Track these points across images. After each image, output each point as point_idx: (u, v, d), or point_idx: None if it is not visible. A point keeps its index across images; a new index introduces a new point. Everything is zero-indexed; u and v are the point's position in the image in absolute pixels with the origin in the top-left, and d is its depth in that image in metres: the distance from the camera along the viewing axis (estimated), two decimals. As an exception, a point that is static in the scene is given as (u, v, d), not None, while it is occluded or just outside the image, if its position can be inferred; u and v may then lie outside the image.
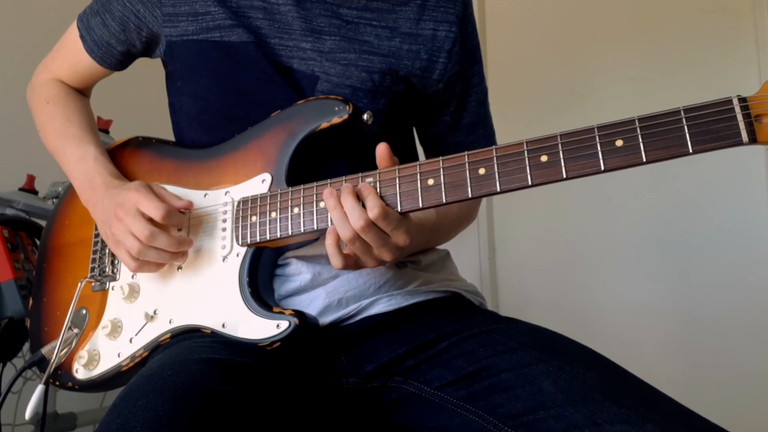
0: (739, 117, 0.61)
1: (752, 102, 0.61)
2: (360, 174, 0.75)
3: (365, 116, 0.80)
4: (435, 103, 0.93)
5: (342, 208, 0.71)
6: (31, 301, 0.94)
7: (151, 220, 0.79)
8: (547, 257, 2.29)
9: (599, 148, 0.65)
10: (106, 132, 1.74)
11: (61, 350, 0.85)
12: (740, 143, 0.61)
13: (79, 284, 0.86)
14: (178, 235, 0.82)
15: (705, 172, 2.01)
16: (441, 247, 0.95)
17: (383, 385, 0.79)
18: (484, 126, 0.99)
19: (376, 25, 0.87)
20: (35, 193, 1.61)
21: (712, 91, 0.64)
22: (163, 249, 0.79)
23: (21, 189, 1.60)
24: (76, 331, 0.87)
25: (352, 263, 0.74)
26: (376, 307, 0.81)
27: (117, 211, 0.81)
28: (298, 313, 0.74)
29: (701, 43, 2.09)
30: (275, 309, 0.75)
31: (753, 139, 0.60)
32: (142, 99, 1.03)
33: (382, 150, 0.73)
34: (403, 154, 0.93)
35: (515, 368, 0.70)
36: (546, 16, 2.41)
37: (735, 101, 0.61)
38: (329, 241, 0.72)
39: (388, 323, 0.81)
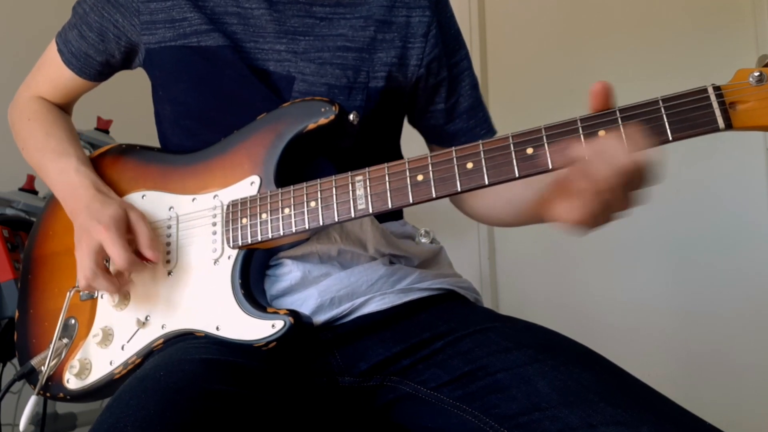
0: (715, 105, 0.63)
1: (726, 90, 0.63)
2: (350, 173, 0.76)
3: (351, 116, 0.82)
4: (423, 92, 0.95)
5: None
6: (17, 314, 0.93)
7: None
8: (547, 257, 2.28)
9: (582, 139, 0.67)
10: (106, 132, 1.73)
11: (51, 361, 0.84)
12: (717, 129, 0.63)
13: (68, 293, 0.85)
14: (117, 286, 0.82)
15: (704, 171, 2.00)
16: (435, 244, 0.95)
17: (379, 385, 0.79)
18: (482, 109, 1.00)
19: (350, 17, 0.89)
20: (35, 193, 1.60)
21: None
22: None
23: (21, 189, 1.59)
24: (65, 341, 0.85)
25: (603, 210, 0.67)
26: (370, 305, 0.81)
27: (83, 235, 0.81)
28: (293, 313, 0.74)
29: (701, 42, 2.08)
30: (269, 309, 0.75)
31: (729, 125, 0.63)
32: (142, 99, 1.03)
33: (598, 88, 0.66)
34: (388, 153, 0.95)
35: (511, 368, 0.69)
36: (546, 15, 2.41)
37: (710, 90, 0.63)
38: (586, 185, 0.63)
39: (382, 322, 0.81)
